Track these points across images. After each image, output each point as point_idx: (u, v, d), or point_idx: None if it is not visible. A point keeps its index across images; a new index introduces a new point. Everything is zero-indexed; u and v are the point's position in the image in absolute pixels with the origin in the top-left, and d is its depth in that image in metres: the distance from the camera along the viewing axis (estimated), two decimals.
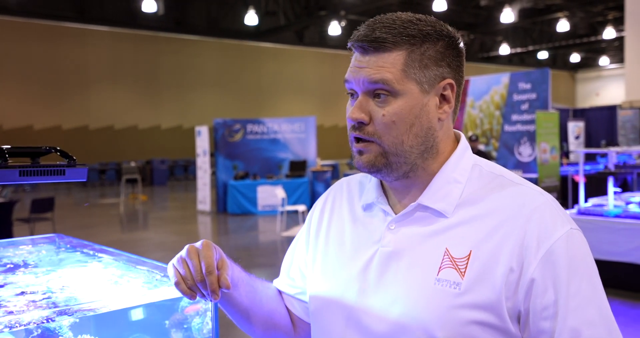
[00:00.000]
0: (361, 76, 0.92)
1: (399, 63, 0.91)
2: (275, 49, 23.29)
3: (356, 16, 19.87)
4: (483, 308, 0.87)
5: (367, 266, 0.98)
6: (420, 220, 0.96)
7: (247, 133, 13.08)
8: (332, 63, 24.76)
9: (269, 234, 9.91)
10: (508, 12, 17.33)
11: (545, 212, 0.89)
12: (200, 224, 11.82)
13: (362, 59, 0.93)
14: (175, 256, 0.98)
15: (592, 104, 27.63)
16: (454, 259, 0.90)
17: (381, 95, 0.92)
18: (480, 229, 0.90)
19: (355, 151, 0.97)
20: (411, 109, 0.91)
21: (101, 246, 1.59)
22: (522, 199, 0.91)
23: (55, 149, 1.36)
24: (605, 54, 28.61)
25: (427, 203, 0.95)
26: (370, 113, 0.93)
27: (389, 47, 0.91)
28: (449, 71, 0.94)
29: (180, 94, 23.04)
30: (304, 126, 13.34)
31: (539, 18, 20.26)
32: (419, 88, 0.92)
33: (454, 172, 0.97)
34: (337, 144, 22.64)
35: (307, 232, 1.16)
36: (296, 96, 24.67)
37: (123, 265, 1.40)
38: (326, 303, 1.03)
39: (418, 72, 0.91)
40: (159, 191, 19.16)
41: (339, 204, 1.12)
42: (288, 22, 20.11)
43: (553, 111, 9.79)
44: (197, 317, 1.16)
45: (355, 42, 0.94)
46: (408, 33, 0.91)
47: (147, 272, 1.29)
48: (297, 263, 1.17)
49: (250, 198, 12.25)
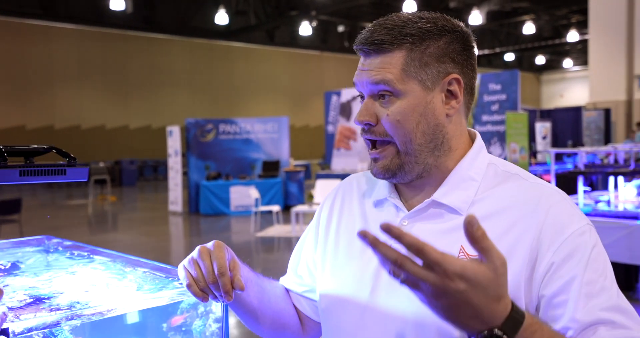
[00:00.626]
0: (364, 78, 0.94)
1: (399, 63, 0.92)
2: (246, 48, 23.17)
3: (327, 16, 19.95)
4: None
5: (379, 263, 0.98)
6: (434, 216, 0.96)
7: (220, 133, 12.98)
8: (303, 63, 24.78)
9: (243, 235, 9.86)
10: (476, 14, 17.64)
11: (562, 209, 0.90)
12: (172, 225, 11.68)
13: (364, 62, 0.95)
14: (187, 258, 0.97)
15: (556, 105, 28.31)
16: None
17: (385, 96, 0.93)
18: (497, 226, 0.90)
19: (372, 158, 0.98)
20: (415, 108, 0.92)
21: (94, 247, 1.57)
22: (539, 197, 0.91)
23: (54, 148, 1.34)
24: (569, 57, 29.37)
25: (441, 200, 0.95)
26: (376, 115, 0.94)
27: (388, 48, 0.92)
28: (453, 66, 0.94)
29: (149, 94, 22.73)
30: (277, 126, 13.31)
31: (506, 21, 20.66)
32: (421, 86, 0.92)
33: (470, 170, 0.96)
34: (309, 144, 22.67)
35: (316, 230, 1.15)
36: (267, 96, 24.60)
37: (120, 266, 1.37)
38: (338, 301, 1.02)
39: (419, 71, 0.92)
40: (128, 191, 18.87)
41: (349, 202, 1.11)
42: (259, 21, 20.04)
43: (522, 112, 10.00)
44: (198, 319, 1.11)
45: (357, 46, 0.96)
46: (407, 32, 0.91)
47: (145, 274, 1.27)
48: (304, 260, 1.16)
49: (223, 198, 12.16)
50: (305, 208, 9.18)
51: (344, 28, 21.95)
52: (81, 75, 21.27)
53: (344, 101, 15.58)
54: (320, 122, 23.95)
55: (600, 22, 14.92)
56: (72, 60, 21.09)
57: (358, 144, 15.08)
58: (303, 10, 18.59)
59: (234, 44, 22.56)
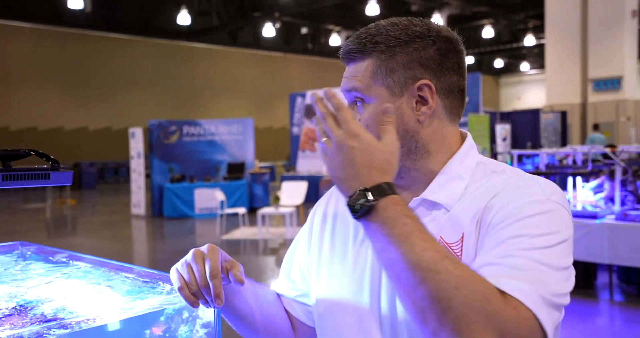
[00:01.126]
0: (342, 86, 0.99)
1: (367, 71, 0.94)
2: (208, 49, 22.96)
3: (290, 18, 19.94)
4: None
5: (376, 266, 0.98)
6: (423, 214, 0.96)
7: (183, 135, 12.83)
8: (266, 65, 24.72)
9: (208, 237, 9.77)
10: (437, 17, 17.95)
11: (529, 186, 0.89)
12: (135, 228, 11.48)
13: (345, 71, 0.99)
14: (180, 261, 0.97)
15: (514, 107, 29.04)
16: (449, 245, 0.91)
17: (358, 103, 0.96)
18: (471, 211, 0.91)
19: None
20: (382, 114, 0.93)
21: (72, 252, 1.54)
22: (517, 183, 0.91)
23: (34, 152, 1.31)
24: (526, 60, 30.17)
25: (431, 197, 0.96)
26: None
27: (358, 57, 0.96)
28: (423, 71, 0.94)
29: (110, 95, 22.28)
30: (242, 127, 13.24)
31: (466, 24, 21.05)
32: (388, 92, 0.94)
33: (459, 169, 0.98)
34: (273, 145, 22.63)
35: (309, 234, 1.14)
36: (231, 97, 24.42)
37: (101, 272, 1.35)
38: (336, 305, 1.02)
39: (385, 77, 0.93)
40: (88, 194, 18.44)
41: (343, 206, 1.10)
42: (221, 22, 19.89)
43: (483, 114, 10.23)
44: (184, 325, 1.09)
45: (340, 56, 1.01)
46: (375, 41, 0.94)
47: (129, 280, 1.25)
48: (297, 265, 1.16)
49: (187, 201, 12.03)
50: (272, 210, 9.17)
51: (308, 30, 21.98)
52: (39, 75, 20.70)
53: (309, 102, 15.62)
54: (284, 124, 23.92)
55: (556, 28, 15.40)
56: (29, 60, 20.50)
57: None
58: (266, 12, 18.54)
59: (196, 45, 22.32)
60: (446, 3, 18.82)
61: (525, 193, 0.88)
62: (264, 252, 8.37)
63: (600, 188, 5.73)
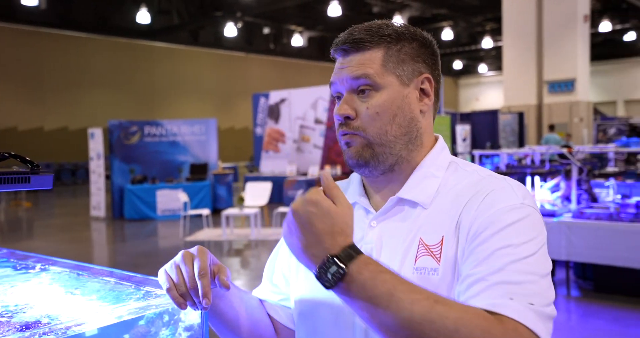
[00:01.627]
0: (344, 74, 0.98)
1: (378, 59, 0.97)
2: (169, 48, 22.63)
3: (252, 18, 19.85)
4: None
5: None
6: (399, 213, 0.99)
7: (145, 135, 12.62)
8: (228, 65, 24.52)
9: (172, 239, 9.65)
10: (398, 19, 18.18)
11: (502, 190, 0.92)
12: (95, 230, 11.24)
13: (343, 60, 0.99)
14: (169, 262, 0.97)
15: (472, 108, 29.64)
16: (428, 247, 0.92)
17: (365, 90, 0.97)
18: (450, 215, 0.93)
19: (344, 143, 1.00)
20: (393, 101, 0.97)
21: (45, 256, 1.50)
22: (488, 184, 0.94)
23: (12, 154, 1.29)
24: (484, 62, 30.86)
25: (406, 196, 0.98)
26: (355, 109, 0.97)
27: (367, 46, 0.97)
28: (425, 66, 1.00)
29: (66, 94, 21.69)
30: (204, 128, 13.12)
31: (426, 26, 21.36)
32: (398, 81, 0.97)
33: (431, 167, 1.00)
34: (235, 146, 22.48)
35: None
36: (192, 97, 24.13)
37: (74, 275, 1.31)
38: (313, 305, 1.03)
39: (396, 66, 0.97)
40: (45, 197, 17.93)
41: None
42: (182, 21, 19.64)
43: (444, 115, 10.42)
44: (165, 329, 1.06)
45: (337, 47, 1.00)
46: (384, 33, 0.98)
47: (107, 284, 1.23)
48: (280, 269, 1.16)
49: (149, 202, 11.84)
50: (236, 211, 9.13)
51: (270, 30, 21.93)
52: None
53: (272, 103, 15.58)
54: (246, 124, 23.76)
55: (512, 31, 15.80)
56: None
57: (287, 147, 15.14)
58: (228, 11, 18.40)
59: (156, 44, 21.97)
60: (407, 5, 19.08)
61: (502, 197, 0.90)
62: (228, 253, 8.32)
63: (557, 187, 5.93)
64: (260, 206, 9.87)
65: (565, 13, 14.82)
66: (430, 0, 18.62)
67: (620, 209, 5.26)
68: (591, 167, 5.85)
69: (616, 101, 26.98)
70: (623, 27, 19.67)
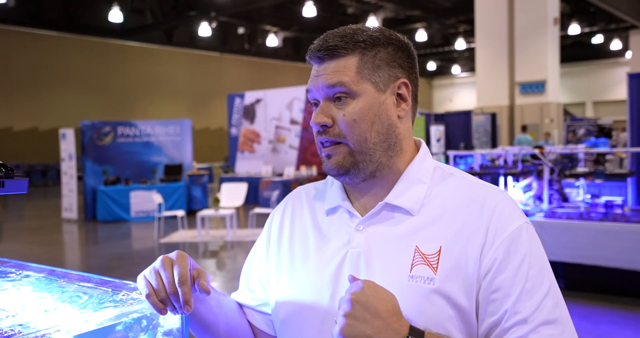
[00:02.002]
0: (319, 82, 0.97)
1: (353, 66, 0.96)
2: (142, 48, 22.35)
3: (227, 18, 19.74)
4: (456, 303, 0.90)
5: (339, 269, 0.99)
6: (388, 218, 0.99)
7: (118, 136, 12.45)
8: (202, 64, 24.33)
9: (146, 241, 9.55)
10: (373, 20, 18.26)
11: (504, 208, 0.95)
12: (67, 233, 11.05)
13: (319, 68, 0.99)
14: (148, 268, 0.95)
15: (446, 109, 30.00)
16: (425, 256, 0.93)
17: (341, 98, 0.96)
18: (448, 226, 0.94)
19: (324, 155, 1.00)
20: (370, 108, 0.96)
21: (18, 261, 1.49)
22: (484, 197, 0.96)
23: None
24: (457, 63, 31.23)
25: (394, 202, 0.98)
26: (332, 117, 0.97)
27: (342, 53, 0.96)
28: (401, 71, 0.99)
29: (36, 94, 21.26)
30: (179, 128, 13.00)
31: (400, 28, 21.55)
32: (374, 88, 0.96)
33: (418, 173, 1.01)
34: (209, 146, 22.32)
35: (267, 242, 1.15)
36: (166, 98, 23.88)
37: (49, 281, 1.28)
38: (298, 310, 1.02)
39: (372, 73, 0.96)
40: (14, 198, 17.54)
41: (300, 212, 1.12)
42: (155, 21, 19.42)
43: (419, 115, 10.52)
44: (144, 334, 1.03)
45: (312, 54, 0.99)
46: (358, 39, 0.96)
47: (87, 289, 1.20)
48: (255, 274, 1.15)
49: (123, 204, 11.69)
50: (211, 212, 9.08)
51: (244, 30, 21.83)
52: None
53: (248, 103, 15.53)
54: (221, 125, 23.61)
55: (485, 33, 16.03)
56: None
57: (262, 147, 15.10)
58: (202, 11, 18.27)
59: (129, 44, 21.68)
60: (381, 6, 19.21)
61: (508, 216, 0.94)
62: (204, 255, 8.27)
63: (529, 187, 6.04)
64: (235, 207, 9.83)
65: (535, 16, 15.10)
66: (404, 2, 18.78)
67: (590, 209, 5.39)
68: (562, 167, 5.98)
69: (585, 103, 27.59)
70: (591, 30, 20.11)
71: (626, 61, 23.21)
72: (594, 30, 20.20)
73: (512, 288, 0.89)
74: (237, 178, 13.55)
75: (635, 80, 7.01)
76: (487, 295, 0.90)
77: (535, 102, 15.43)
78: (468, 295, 0.90)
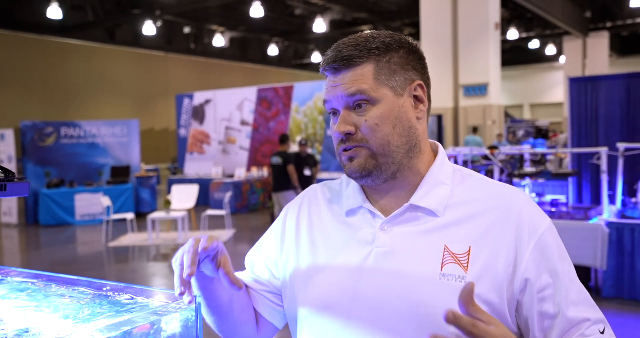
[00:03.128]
0: (338, 92, 0.99)
1: (370, 73, 0.98)
2: (84, 46, 21.58)
3: (172, 17, 19.38)
4: (487, 300, 0.93)
5: (361, 268, 1.01)
6: (412, 219, 1.01)
7: (61, 137, 12.01)
8: (147, 64, 23.76)
9: (93, 245, 9.27)
10: (320, 22, 18.36)
11: (530, 208, 1.00)
12: (5, 238, 10.58)
13: (335, 78, 1.00)
14: (179, 249, 0.98)
15: None
16: (455, 255, 0.96)
17: (361, 105, 0.98)
18: (476, 227, 0.98)
19: (346, 159, 1.01)
20: (390, 112, 0.98)
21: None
22: (508, 199, 1.00)
23: None
24: None
25: (419, 203, 1.01)
26: (354, 124, 0.99)
27: (357, 62, 0.98)
28: (415, 73, 1.02)
29: None
30: (126, 129, 12.67)
31: (347, 29, 21.77)
32: (392, 92, 0.99)
33: (440, 175, 1.04)
34: (155, 148, 21.82)
35: (281, 236, 1.15)
36: (109, 98, 23.17)
37: (38, 288, 1.25)
38: (322, 307, 1.03)
39: (389, 78, 0.99)
40: None
41: (317, 209, 1.13)
42: (97, 18, 18.83)
43: None
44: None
45: (326, 65, 1.01)
46: (371, 46, 0.99)
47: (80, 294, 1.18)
48: (263, 261, 1.17)
49: (67, 207, 11.29)
50: (162, 214, 8.92)
51: (190, 29, 21.49)
52: None
53: (197, 104, 15.31)
54: (167, 125, 23.12)
55: (430, 36, 16.42)
56: None
57: (212, 148, 14.93)
58: (146, 9, 17.86)
59: (70, 41, 20.91)
60: (328, 8, 19.33)
61: (536, 216, 1.00)
62: (155, 258, 8.12)
63: None
64: (187, 209, 9.70)
65: (478, 20, 15.60)
66: (351, 4, 18.97)
67: None
68: (511, 167, 6.23)
69: (523, 105, 28.71)
70: (528, 35, 20.94)
71: (560, 65, 24.28)
72: (531, 36, 21.04)
73: (560, 283, 0.96)
74: (186, 180, 13.35)
75: (574, 84, 7.39)
76: (536, 295, 0.96)
77: (478, 104, 15.92)
78: (499, 293, 0.94)
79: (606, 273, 5.25)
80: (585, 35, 19.74)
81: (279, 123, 13.68)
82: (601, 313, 0.99)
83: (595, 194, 7.21)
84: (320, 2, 18.57)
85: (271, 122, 13.92)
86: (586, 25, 19.47)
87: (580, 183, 7.40)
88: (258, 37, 22.02)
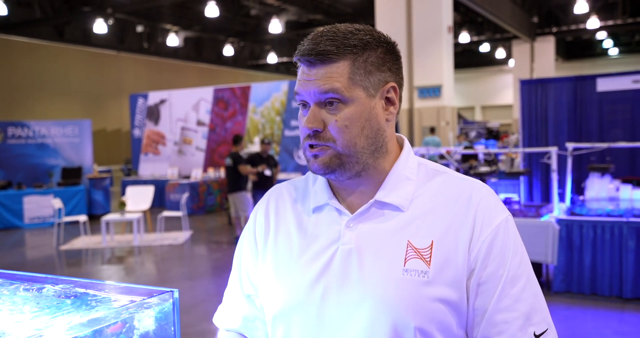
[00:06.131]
0: (311, 88, 0.96)
1: (345, 72, 0.95)
2: (30, 44, 20.87)
3: (125, 15, 18.98)
4: (449, 294, 0.94)
5: (328, 266, 1.00)
6: (378, 216, 1.00)
7: (8, 137, 11.58)
8: (98, 63, 23.16)
9: (44, 249, 8.98)
10: (276, 23, 18.32)
11: (489, 201, 1.00)
12: None
13: (309, 72, 0.97)
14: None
15: None
16: (418, 250, 0.95)
17: (333, 102, 0.96)
18: (438, 221, 0.97)
19: (310, 155, 1.00)
20: (361, 114, 0.96)
21: None
22: (470, 192, 1.00)
23: None
24: None
25: (384, 199, 1.00)
26: (323, 121, 0.97)
27: (333, 59, 0.95)
28: (390, 74, 1.00)
29: None
30: (78, 129, 12.33)
31: (303, 31, 21.81)
32: (365, 93, 0.97)
33: (405, 170, 1.03)
34: (107, 149, 21.30)
35: (254, 241, 1.14)
36: (59, 97, 22.46)
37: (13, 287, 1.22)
38: (289, 309, 1.02)
39: (363, 79, 0.96)
40: None
41: (283, 209, 1.12)
42: (45, 15, 18.24)
43: None
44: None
45: (301, 57, 0.98)
46: (350, 43, 0.95)
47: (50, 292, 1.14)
48: (247, 278, 1.15)
49: (15, 210, 10.89)
50: (117, 216, 8.74)
51: (143, 29, 21.08)
52: None
53: (152, 104, 15.04)
54: (120, 126, 22.59)
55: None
56: None
57: (167, 149, 14.68)
58: (97, 7, 17.43)
59: (16, 39, 20.18)
60: (284, 9, 19.33)
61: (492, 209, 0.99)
62: (110, 261, 7.94)
63: None
64: (142, 210, 9.52)
65: (431, 24, 15.91)
66: (307, 6, 19.03)
67: None
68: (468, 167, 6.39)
69: (474, 107, 29.44)
70: (479, 39, 21.48)
71: (510, 68, 25.00)
72: (482, 39, 21.59)
73: (498, 279, 0.95)
74: (140, 181, 13.09)
75: (525, 86, 7.64)
76: (475, 288, 0.95)
77: (432, 106, 16.23)
78: (459, 287, 0.94)
79: (557, 268, 5.45)
80: (533, 39, 20.41)
81: (236, 124, 13.58)
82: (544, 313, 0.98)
83: (545, 192, 7.48)
84: (276, 3, 18.55)
85: (228, 122, 13.81)
86: (534, 30, 20.13)
87: (531, 181, 7.66)
88: (213, 37, 21.81)
